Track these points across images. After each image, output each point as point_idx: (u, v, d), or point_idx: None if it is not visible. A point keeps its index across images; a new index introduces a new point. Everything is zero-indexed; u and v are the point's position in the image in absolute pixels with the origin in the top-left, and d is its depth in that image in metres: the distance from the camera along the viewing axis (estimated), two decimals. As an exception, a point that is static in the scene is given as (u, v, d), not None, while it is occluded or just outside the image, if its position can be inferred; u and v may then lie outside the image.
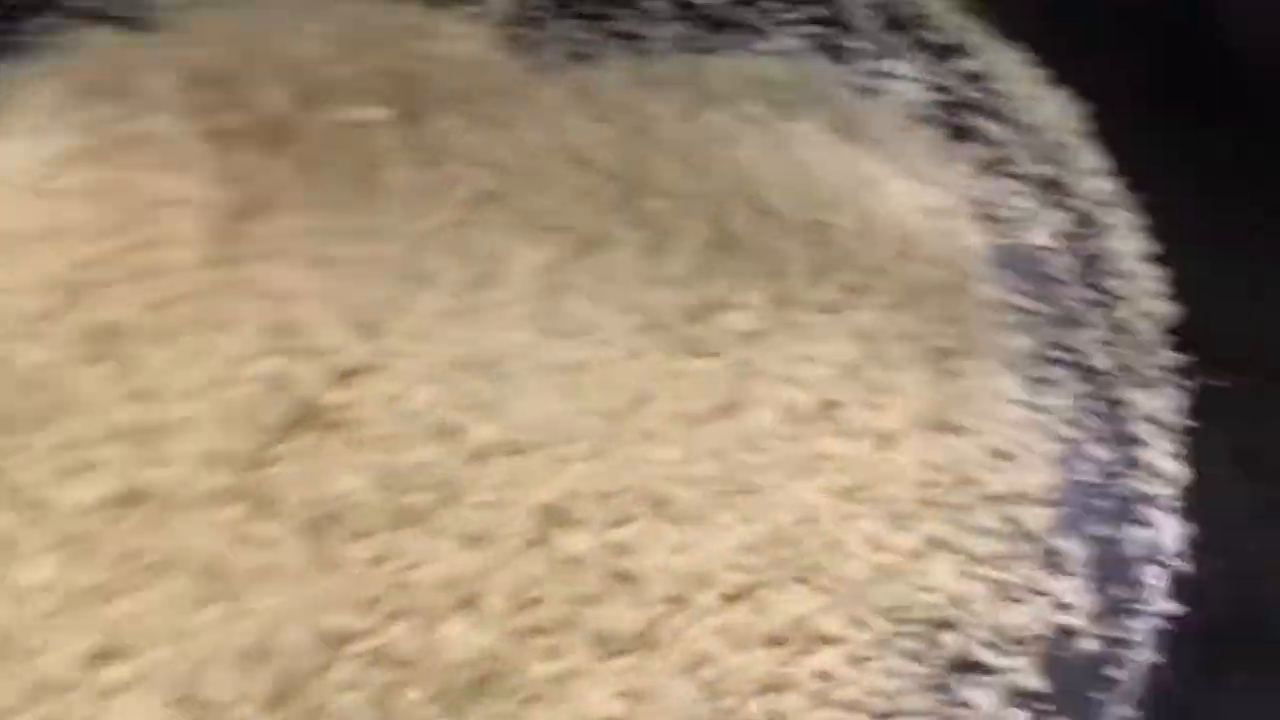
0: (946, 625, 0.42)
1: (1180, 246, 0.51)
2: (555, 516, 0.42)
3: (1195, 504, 0.45)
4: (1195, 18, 0.52)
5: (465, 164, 0.50)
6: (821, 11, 0.61)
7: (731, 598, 0.41)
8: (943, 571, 0.42)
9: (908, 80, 0.58)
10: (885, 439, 0.45)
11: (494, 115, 0.53)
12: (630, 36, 0.60)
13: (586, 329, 0.45)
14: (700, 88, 0.57)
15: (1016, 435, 0.46)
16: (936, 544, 0.43)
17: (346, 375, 0.44)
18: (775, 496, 0.43)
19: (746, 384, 0.45)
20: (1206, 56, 0.51)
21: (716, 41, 0.60)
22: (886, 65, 0.59)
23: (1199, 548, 0.43)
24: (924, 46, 0.60)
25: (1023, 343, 0.49)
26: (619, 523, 0.42)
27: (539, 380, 0.44)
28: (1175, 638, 0.42)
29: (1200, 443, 0.46)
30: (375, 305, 0.46)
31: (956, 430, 0.46)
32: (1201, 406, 0.47)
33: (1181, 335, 0.49)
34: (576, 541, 0.41)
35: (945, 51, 0.59)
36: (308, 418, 0.43)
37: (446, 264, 0.47)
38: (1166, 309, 0.50)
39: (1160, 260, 0.51)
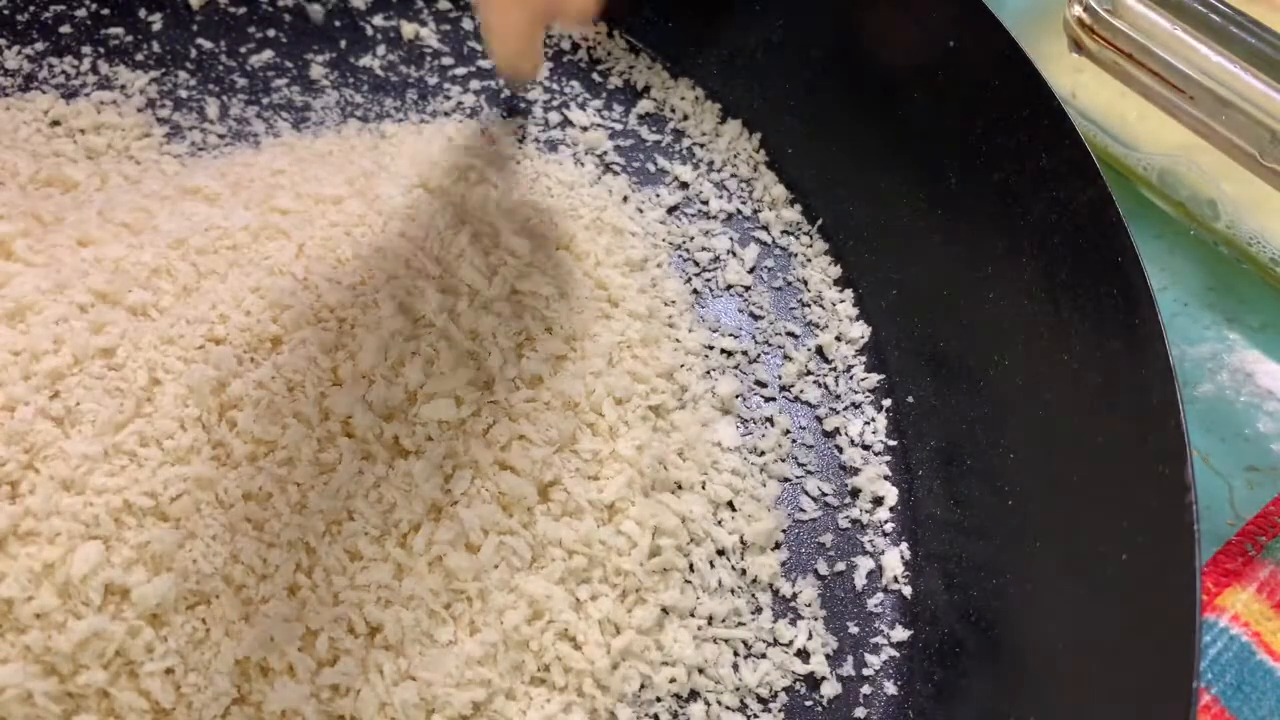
0: (693, 696, 0.41)
1: (860, 265, 0.53)
2: (255, 669, 0.37)
3: (908, 523, 0.46)
4: (841, 39, 0.53)
5: (108, 278, 0.44)
6: (490, 63, 0.59)
7: (466, 719, 0.38)
8: (681, 641, 0.41)
9: (589, 128, 0.57)
10: (609, 511, 0.43)
11: (136, 218, 0.47)
12: (293, 108, 0.56)
13: (266, 449, 0.41)
14: (374, 159, 0.53)
15: (738, 483, 0.46)
16: (672, 613, 0.42)
17: (-14, 548, 0.37)
18: (501, 598, 0.40)
19: (456, 479, 0.42)
20: (854, 73, 0.53)
21: (387, 106, 0.57)
22: (565, 114, 0.58)
23: (915, 568, 0.44)
24: (600, 90, 0.59)
25: (733, 385, 0.48)
26: (329, 662, 0.38)
27: (218, 518, 0.39)
28: (908, 665, 0.42)
29: (905, 460, 0.47)
30: (13, 457, 0.39)
31: (678, 489, 0.45)
32: (901, 424, 0.48)
33: (875, 355, 0.50)
34: (285, 694, 0.37)
35: (621, 94, 0.59)
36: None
37: (92, 399, 0.41)
38: (859, 332, 0.51)
39: (845, 283, 0.52)
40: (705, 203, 0.55)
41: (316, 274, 0.46)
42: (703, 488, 0.45)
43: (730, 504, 0.45)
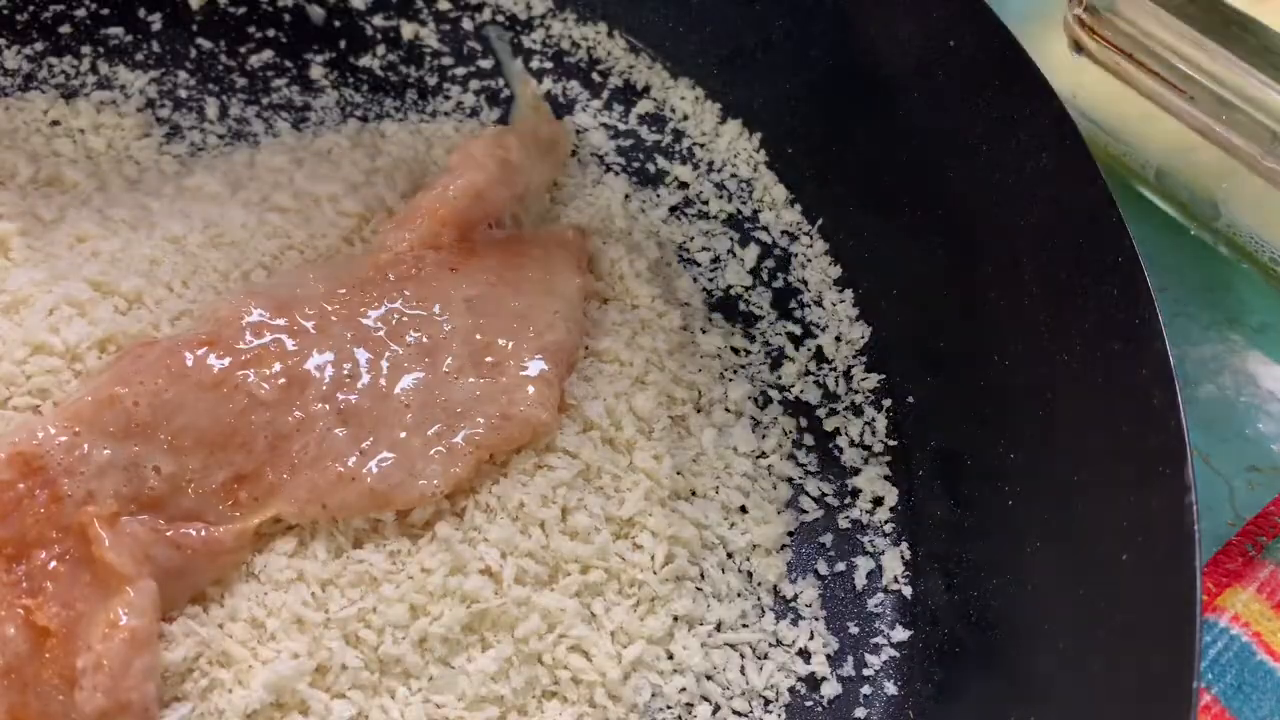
0: (703, 700, 0.41)
1: (860, 265, 0.53)
2: (269, 712, 0.37)
3: (908, 523, 0.46)
4: (841, 39, 0.53)
5: (100, 270, 0.44)
6: (491, 63, 0.59)
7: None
8: (691, 648, 0.41)
9: (590, 129, 0.57)
10: (625, 525, 0.43)
11: (135, 216, 0.47)
12: (293, 108, 0.56)
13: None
14: (373, 159, 0.53)
15: (748, 486, 0.45)
16: (682, 621, 0.42)
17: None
18: (515, 612, 0.40)
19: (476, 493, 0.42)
20: (854, 73, 0.53)
21: (387, 106, 0.57)
22: (565, 114, 0.57)
23: (915, 568, 0.44)
24: (600, 90, 0.59)
25: (745, 388, 0.48)
26: (342, 694, 0.38)
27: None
28: (908, 665, 0.42)
29: (905, 460, 0.47)
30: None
31: (693, 497, 0.45)
32: (901, 424, 0.48)
33: (875, 355, 0.50)
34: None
35: (622, 94, 0.59)
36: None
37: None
38: (859, 332, 0.51)
39: (845, 283, 0.52)
40: (705, 203, 0.55)
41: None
42: (716, 493, 0.45)
43: (742, 507, 0.45)
